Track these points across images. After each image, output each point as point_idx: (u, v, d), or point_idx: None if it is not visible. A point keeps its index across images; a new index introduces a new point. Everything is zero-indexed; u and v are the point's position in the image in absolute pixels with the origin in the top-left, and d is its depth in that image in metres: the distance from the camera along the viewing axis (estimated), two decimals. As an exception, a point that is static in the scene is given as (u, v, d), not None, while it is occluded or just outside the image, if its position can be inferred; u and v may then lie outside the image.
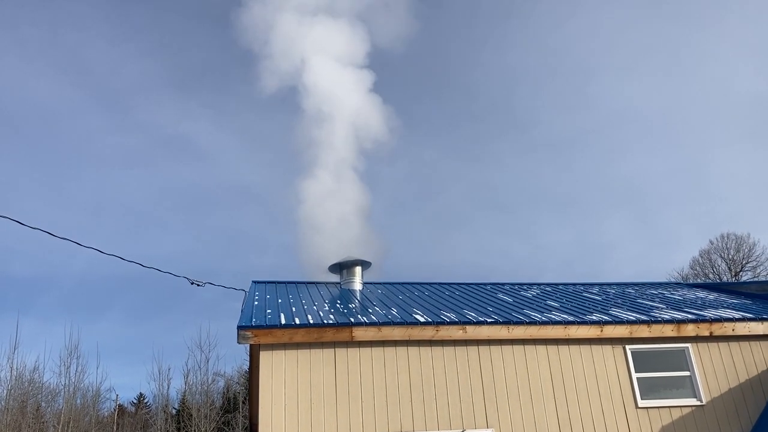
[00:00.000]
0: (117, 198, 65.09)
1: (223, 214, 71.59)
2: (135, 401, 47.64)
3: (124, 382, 66.02)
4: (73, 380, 33.63)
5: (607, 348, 11.52)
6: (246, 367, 34.84)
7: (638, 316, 12.18)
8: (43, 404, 35.13)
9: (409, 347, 10.82)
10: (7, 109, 58.53)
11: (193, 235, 71.24)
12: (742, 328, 11.97)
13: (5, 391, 31.16)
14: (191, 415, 35.42)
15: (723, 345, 11.93)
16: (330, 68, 18.56)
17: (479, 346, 11.07)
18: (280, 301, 12.85)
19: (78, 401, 34.46)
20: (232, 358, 72.80)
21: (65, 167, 66.14)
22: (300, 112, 18.66)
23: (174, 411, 40.08)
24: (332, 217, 16.90)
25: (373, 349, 10.68)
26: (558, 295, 14.97)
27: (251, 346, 10.71)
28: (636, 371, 11.41)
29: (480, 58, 72.62)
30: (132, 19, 61.78)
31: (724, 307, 13.42)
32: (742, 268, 44.10)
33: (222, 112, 69.66)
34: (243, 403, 36.59)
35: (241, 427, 35.14)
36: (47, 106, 63.47)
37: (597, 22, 68.53)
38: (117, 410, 40.16)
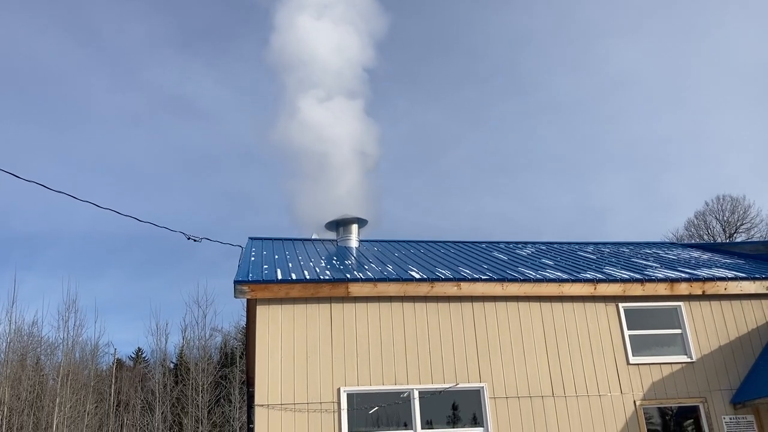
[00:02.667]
0: (119, 157, 64.96)
1: (225, 175, 71.55)
2: (133, 356, 48.28)
3: (123, 338, 66.91)
4: (72, 334, 33.98)
5: (600, 306, 11.64)
6: (243, 323, 35.20)
7: (632, 274, 12.28)
8: (42, 358, 35.57)
9: (404, 303, 10.92)
10: (12, 67, 57.87)
11: (195, 195, 71.39)
12: (734, 288, 12.08)
13: (5, 344, 31.51)
14: (189, 369, 35.91)
15: (715, 304, 12.06)
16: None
17: (473, 303, 11.17)
18: (276, 257, 12.90)
19: (77, 355, 34.88)
20: (230, 315, 73.70)
21: (68, 125, 65.83)
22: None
23: (172, 365, 40.62)
24: (329, 162, 16.80)
25: (368, 304, 10.78)
26: (553, 254, 15.06)
27: (248, 301, 10.78)
28: (628, 329, 11.54)
29: (485, 19, 71.74)
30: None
31: (717, 267, 13.53)
32: (736, 229, 44.27)
33: (225, 72, 69.00)
34: (240, 357, 37.06)
35: (238, 381, 35.65)
36: (51, 64, 62.79)
37: (601, -18, 67.47)
38: (115, 364, 40.68)
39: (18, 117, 62.43)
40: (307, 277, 10.79)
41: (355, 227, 15.58)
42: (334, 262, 12.74)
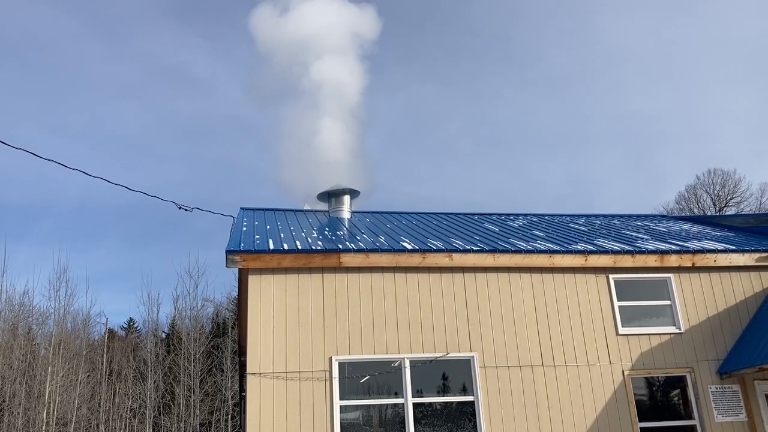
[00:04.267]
0: (113, 128, 64.40)
1: (219, 146, 71.14)
2: (125, 326, 48.40)
3: (115, 308, 67.12)
4: (63, 304, 34.01)
5: (591, 277, 11.71)
6: (235, 294, 35.28)
7: (622, 246, 12.34)
8: (34, 327, 35.64)
9: (396, 274, 10.94)
10: (2, 34, 56.93)
11: (189, 166, 71.02)
12: (724, 260, 12.17)
13: (-5, 314, 31.52)
14: (181, 339, 36.09)
15: (704, 276, 12.15)
16: None
17: (465, 274, 11.21)
18: (268, 227, 12.88)
19: (68, 324, 34.98)
20: (221, 286, 73.92)
21: (61, 95, 65.04)
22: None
23: (164, 335, 40.78)
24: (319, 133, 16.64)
25: (360, 275, 10.80)
26: (544, 225, 15.11)
27: (240, 271, 10.78)
28: (618, 300, 11.63)
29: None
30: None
31: (707, 239, 13.61)
32: (726, 203, 44.52)
33: (220, 42, 68.15)
34: (232, 328, 37.22)
35: (230, 351, 35.85)
36: (44, 33, 61.80)
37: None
38: (107, 334, 40.78)
39: (9, 86, 61.63)
40: (299, 247, 10.78)
41: (347, 198, 15.54)
42: (326, 232, 12.73)
